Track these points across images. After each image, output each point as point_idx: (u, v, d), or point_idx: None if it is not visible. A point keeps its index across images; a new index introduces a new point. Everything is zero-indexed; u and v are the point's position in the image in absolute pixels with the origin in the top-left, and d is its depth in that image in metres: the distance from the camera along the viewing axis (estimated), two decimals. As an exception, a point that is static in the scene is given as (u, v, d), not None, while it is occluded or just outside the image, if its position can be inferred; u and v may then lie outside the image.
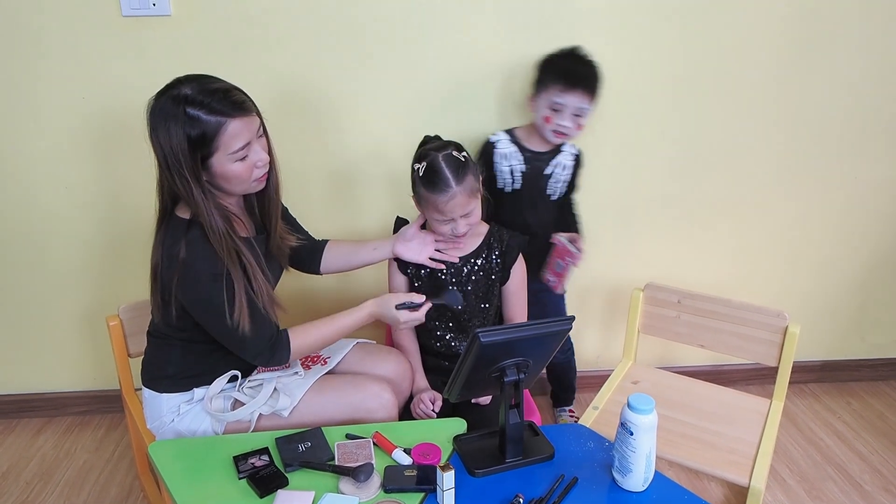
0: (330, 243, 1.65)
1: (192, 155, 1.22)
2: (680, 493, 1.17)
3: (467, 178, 1.45)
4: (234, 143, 1.24)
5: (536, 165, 1.75)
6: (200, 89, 1.22)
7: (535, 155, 1.75)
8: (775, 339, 1.61)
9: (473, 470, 1.20)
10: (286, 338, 1.37)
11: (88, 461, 2.00)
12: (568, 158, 1.77)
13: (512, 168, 1.75)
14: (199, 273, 1.26)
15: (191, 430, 1.39)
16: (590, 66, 1.66)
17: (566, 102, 1.63)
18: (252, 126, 1.27)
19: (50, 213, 1.95)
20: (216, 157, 1.24)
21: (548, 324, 1.17)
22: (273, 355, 1.36)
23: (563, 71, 1.65)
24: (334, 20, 1.79)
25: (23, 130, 1.86)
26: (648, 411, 1.12)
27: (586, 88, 1.63)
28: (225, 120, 1.22)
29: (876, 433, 2.12)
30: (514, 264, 1.60)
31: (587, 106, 1.64)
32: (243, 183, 1.31)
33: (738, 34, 1.89)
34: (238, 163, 1.27)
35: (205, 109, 1.20)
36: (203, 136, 1.21)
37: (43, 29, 1.75)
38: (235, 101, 1.24)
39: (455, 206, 1.46)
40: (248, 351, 1.35)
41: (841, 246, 2.19)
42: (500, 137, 1.76)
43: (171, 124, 1.20)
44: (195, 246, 1.26)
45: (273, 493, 1.14)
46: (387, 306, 1.41)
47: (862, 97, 2.00)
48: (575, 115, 1.65)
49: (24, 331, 2.10)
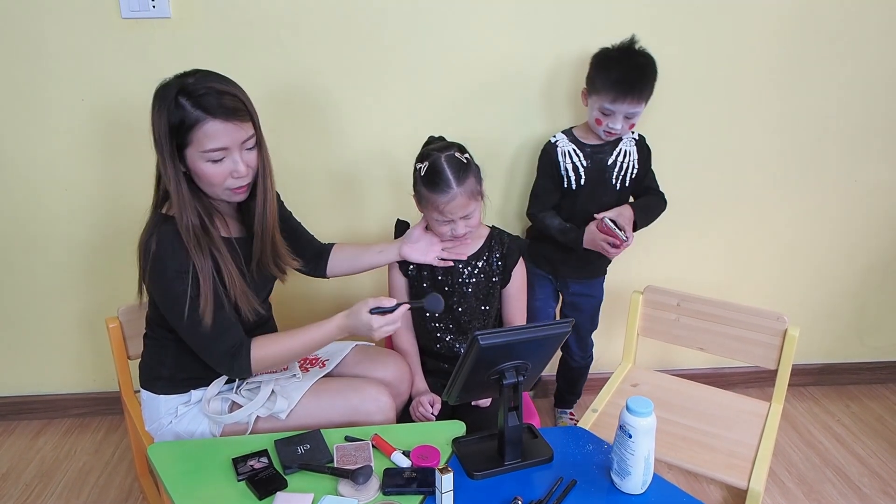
0: (336, 247, 1.66)
1: (170, 140, 1.23)
2: (678, 495, 1.17)
3: (468, 180, 1.46)
4: (207, 142, 1.24)
5: (599, 158, 1.74)
6: (200, 83, 1.23)
7: (596, 148, 1.74)
8: (775, 341, 1.61)
9: (472, 472, 1.20)
10: (247, 348, 1.33)
11: (88, 463, 2.00)
12: (629, 144, 1.75)
13: (575, 164, 1.73)
14: (166, 268, 1.26)
15: (189, 432, 1.39)
16: (642, 71, 1.61)
17: (616, 109, 1.61)
18: (236, 134, 1.25)
19: (50, 215, 1.95)
20: (189, 150, 1.25)
21: (547, 326, 1.17)
22: (233, 364, 1.33)
23: (614, 80, 1.59)
24: (335, 21, 1.80)
25: (23, 132, 1.86)
26: (647, 414, 1.12)
27: (638, 96, 1.60)
28: (205, 118, 1.22)
29: (875, 436, 2.12)
30: (515, 267, 1.60)
31: (639, 110, 1.63)
32: (213, 187, 1.29)
33: (735, 36, 1.90)
34: (210, 164, 1.26)
35: (192, 101, 1.22)
36: (181, 125, 1.22)
37: (43, 31, 1.76)
38: (225, 105, 1.23)
39: (455, 207, 1.46)
40: (210, 355, 1.33)
41: (840, 248, 2.19)
42: (559, 137, 1.76)
43: (162, 105, 1.22)
44: (164, 239, 1.26)
45: (272, 496, 1.14)
46: (357, 315, 1.31)
47: (860, 99, 2.00)
48: (626, 118, 1.63)
49: (23, 332, 2.10)
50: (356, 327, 1.33)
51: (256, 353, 1.34)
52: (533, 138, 1.96)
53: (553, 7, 1.83)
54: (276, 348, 1.36)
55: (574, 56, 1.86)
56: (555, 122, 1.94)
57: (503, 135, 1.96)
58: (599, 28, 1.85)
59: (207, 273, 1.27)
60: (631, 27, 1.85)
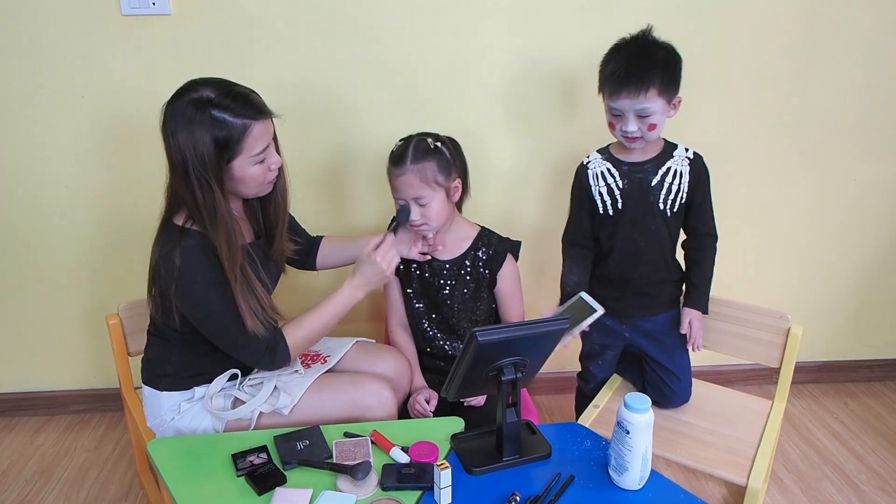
0: (324, 239, 1.67)
1: (217, 158, 1.23)
2: (676, 491, 1.17)
3: (427, 163, 1.47)
4: (256, 145, 1.26)
5: (638, 178, 1.50)
6: (223, 92, 1.23)
7: (635, 167, 1.50)
8: (777, 340, 1.60)
9: (470, 468, 1.20)
10: (283, 338, 1.37)
11: (88, 459, 2.00)
12: (681, 164, 1.50)
13: (610, 187, 1.52)
14: (196, 283, 1.27)
15: (191, 429, 1.39)
16: (640, 59, 1.41)
17: (620, 107, 1.43)
18: (270, 129, 1.30)
19: (50, 212, 1.95)
20: (238, 160, 1.26)
21: (544, 323, 1.17)
22: (273, 359, 1.37)
23: (609, 73, 1.43)
24: (334, 19, 1.80)
25: (23, 129, 1.86)
26: (644, 410, 1.12)
27: (637, 88, 1.39)
28: (250, 123, 1.24)
29: (873, 433, 2.12)
30: (501, 270, 1.60)
31: (649, 105, 1.40)
32: (259, 186, 1.33)
33: (738, 33, 1.90)
34: (257, 166, 1.29)
35: (230, 112, 1.22)
36: (229, 139, 1.23)
37: (42, 28, 1.76)
38: (257, 105, 1.26)
39: (403, 183, 1.48)
40: (248, 357, 1.37)
41: (840, 246, 2.19)
42: (592, 157, 1.57)
43: (196, 127, 1.20)
44: (191, 254, 1.26)
45: (271, 491, 1.14)
46: (359, 265, 1.43)
47: (861, 98, 2.00)
48: (640, 117, 1.42)
49: (24, 329, 2.10)
50: (365, 275, 1.43)
51: (291, 339, 1.38)
52: (536, 138, 1.96)
53: (556, 3, 1.82)
54: (307, 328, 1.41)
55: (584, 54, 1.78)
56: (563, 125, 1.94)
57: (505, 135, 1.96)
58: (595, 24, 1.83)
59: (237, 281, 1.28)
60: (633, 23, 1.85)
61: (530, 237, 1.93)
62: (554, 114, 1.94)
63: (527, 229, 2.02)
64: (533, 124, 1.95)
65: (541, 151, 1.98)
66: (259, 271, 1.36)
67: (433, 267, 1.61)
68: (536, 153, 1.98)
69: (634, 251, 1.55)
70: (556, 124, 1.95)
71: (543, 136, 1.97)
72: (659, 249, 1.55)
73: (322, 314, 1.42)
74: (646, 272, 1.57)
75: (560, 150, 1.97)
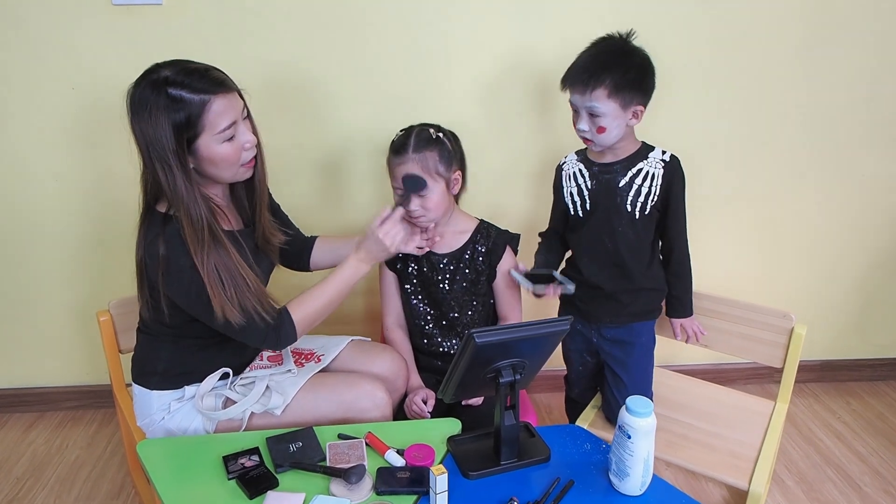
0: (318, 239, 1.64)
1: (177, 139, 1.19)
2: (678, 497, 1.15)
3: (428, 153, 1.46)
4: (220, 121, 1.22)
5: (606, 179, 1.47)
6: (179, 70, 1.20)
7: (605, 168, 1.48)
8: (780, 339, 1.58)
9: (467, 472, 1.18)
10: (287, 314, 1.34)
11: (80, 457, 1.98)
12: (654, 166, 1.45)
13: (580, 187, 1.51)
14: (181, 266, 1.24)
15: (181, 429, 1.37)
16: (595, 57, 1.38)
17: (573, 102, 1.41)
18: (236, 105, 1.26)
19: (39, 206, 1.92)
20: (203, 138, 1.22)
21: (544, 324, 1.15)
22: (279, 335, 1.33)
23: (570, 65, 1.42)
24: (329, 9, 1.76)
25: (11, 121, 1.83)
26: (647, 414, 1.10)
27: (584, 84, 1.36)
28: (209, 98, 1.20)
29: (876, 434, 2.10)
30: (500, 262, 1.58)
31: (597, 104, 1.36)
32: (232, 166, 1.28)
33: (746, 29, 1.86)
34: (226, 143, 1.24)
35: (187, 89, 1.18)
36: (188, 118, 1.19)
37: (32, 17, 1.72)
38: (216, 79, 1.22)
39: (404, 172, 1.46)
40: (252, 338, 1.32)
41: (843, 245, 2.17)
42: (568, 158, 1.56)
43: (153, 109, 1.17)
44: (173, 239, 1.23)
45: (263, 495, 1.12)
46: (365, 239, 1.41)
47: (868, 95, 1.97)
48: (591, 116, 1.39)
49: (15, 325, 2.07)
50: (370, 250, 1.41)
51: (297, 315, 1.35)
52: (531, 134, 1.93)
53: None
54: (313, 304, 1.38)
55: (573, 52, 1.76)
56: (552, 119, 1.91)
57: (500, 127, 1.92)
58: (601, 21, 1.79)
59: (222, 259, 1.24)
60: (636, 20, 1.82)
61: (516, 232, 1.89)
62: (539, 111, 1.91)
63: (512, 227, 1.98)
64: (520, 122, 1.92)
65: (526, 150, 1.95)
66: (248, 258, 1.32)
67: (431, 261, 1.58)
68: (521, 153, 1.96)
69: (603, 253, 1.51)
70: (542, 122, 1.92)
71: (529, 133, 1.94)
72: (628, 253, 1.49)
73: (327, 289, 1.39)
74: (614, 276, 1.52)
75: (546, 148, 1.94)
